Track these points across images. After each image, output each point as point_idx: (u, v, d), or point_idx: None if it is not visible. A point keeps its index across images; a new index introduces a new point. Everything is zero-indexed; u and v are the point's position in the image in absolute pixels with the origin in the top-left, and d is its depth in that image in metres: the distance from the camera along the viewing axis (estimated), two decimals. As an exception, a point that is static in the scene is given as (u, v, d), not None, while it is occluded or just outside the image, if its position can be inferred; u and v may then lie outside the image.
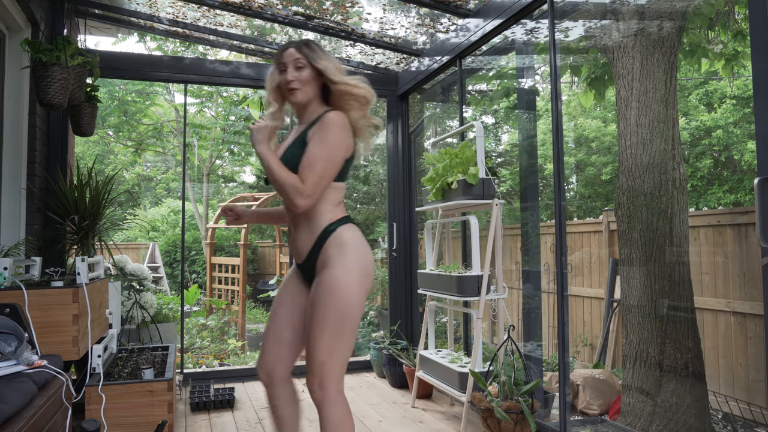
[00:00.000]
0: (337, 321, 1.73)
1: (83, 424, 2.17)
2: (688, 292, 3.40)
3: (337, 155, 1.78)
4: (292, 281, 1.99)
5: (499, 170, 7.58)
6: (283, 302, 1.97)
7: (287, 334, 1.93)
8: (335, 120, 1.78)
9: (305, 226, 1.85)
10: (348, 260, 1.77)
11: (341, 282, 1.74)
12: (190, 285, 8.18)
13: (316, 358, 1.75)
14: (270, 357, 1.93)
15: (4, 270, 2.28)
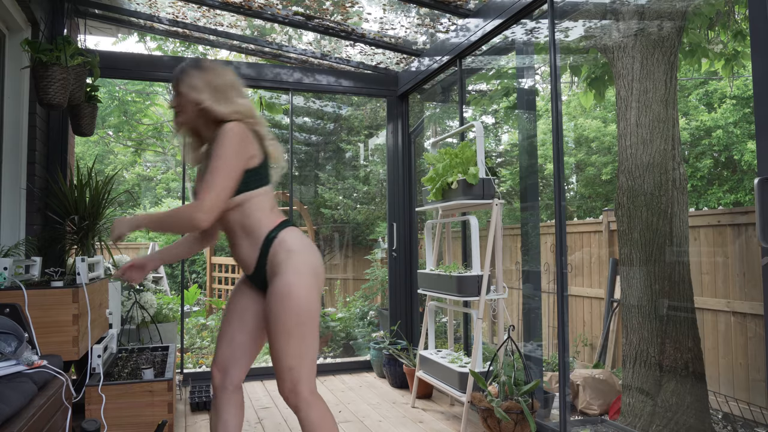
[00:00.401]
0: (297, 325, 1.74)
1: (83, 424, 2.17)
2: (688, 292, 3.40)
3: (231, 164, 1.74)
4: (241, 288, 2.01)
5: (499, 170, 7.58)
6: (234, 308, 1.99)
7: (240, 336, 1.96)
8: (226, 131, 1.75)
9: (245, 239, 1.85)
10: (296, 263, 1.77)
11: (294, 286, 1.74)
12: (190, 285, 8.18)
13: (284, 364, 1.76)
14: (223, 358, 1.96)
15: (4, 270, 2.28)
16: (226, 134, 1.74)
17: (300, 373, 1.77)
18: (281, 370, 1.77)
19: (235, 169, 1.75)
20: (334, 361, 4.75)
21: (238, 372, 1.97)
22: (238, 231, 1.86)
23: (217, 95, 1.84)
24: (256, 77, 4.35)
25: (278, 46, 4.43)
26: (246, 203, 1.82)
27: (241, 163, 1.76)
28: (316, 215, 7.90)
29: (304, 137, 8.49)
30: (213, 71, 1.87)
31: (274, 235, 1.82)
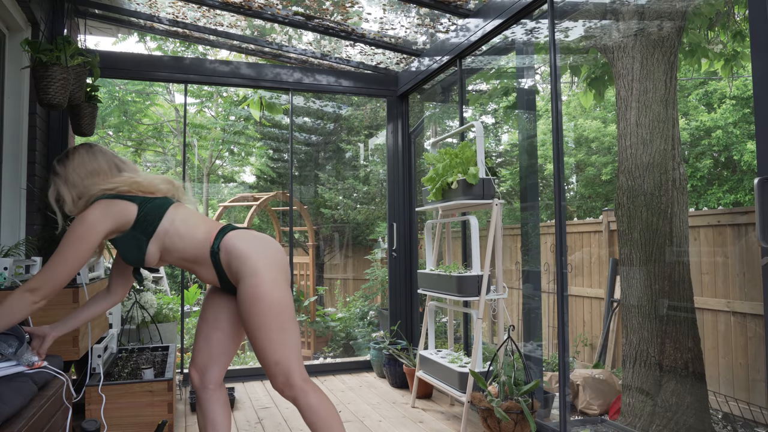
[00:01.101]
0: (272, 321, 1.77)
1: (83, 424, 2.17)
2: (688, 292, 3.40)
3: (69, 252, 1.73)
4: (213, 289, 2.04)
5: (499, 170, 7.58)
6: (208, 308, 2.03)
7: (216, 335, 1.98)
8: (75, 220, 1.78)
9: (196, 266, 1.88)
10: (251, 265, 1.78)
11: (257, 287, 1.76)
12: (190, 285, 8.18)
13: (270, 360, 1.78)
14: (201, 357, 1.99)
15: (4, 270, 2.28)
16: (74, 222, 1.76)
17: (288, 364, 1.79)
18: (269, 366, 1.80)
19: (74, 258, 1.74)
20: (334, 361, 4.75)
21: (217, 371, 1.99)
22: (187, 265, 1.89)
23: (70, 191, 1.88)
24: (256, 77, 4.35)
25: (278, 46, 4.43)
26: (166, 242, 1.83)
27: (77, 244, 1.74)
28: (316, 215, 7.91)
29: (304, 137, 8.49)
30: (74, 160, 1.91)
31: (216, 249, 1.83)
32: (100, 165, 1.91)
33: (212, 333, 1.99)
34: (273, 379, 1.81)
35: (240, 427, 3.16)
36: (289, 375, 1.80)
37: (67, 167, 1.89)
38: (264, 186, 9.29)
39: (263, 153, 9.99)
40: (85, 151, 1.93)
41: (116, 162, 1.95)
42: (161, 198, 1.89)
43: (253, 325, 1.77)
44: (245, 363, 5.42)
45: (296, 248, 7.56)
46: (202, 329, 2.01)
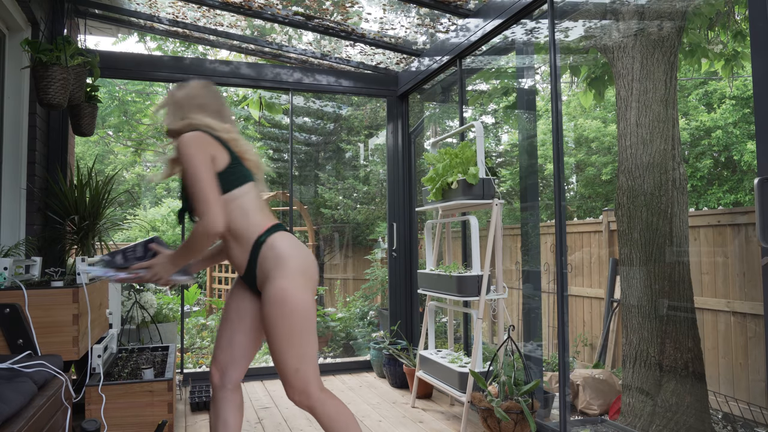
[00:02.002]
0: (295, 328, 1.76)
1: (83, 424, 2.17)
2: (688, 292, 3.40)
3: (199, 171, 1.76)
4: (238, 288, 2.03)
5: (499, 170, 7.58)
6: (232, 308, 2.01)
7: (238, 337, 1.98)
8: (179, 144, 1.81)
9: (234, 242, 1.88)
10: (286, 268, 1.79)
11: (286, 291, 1.76)
12: (190, 285, 8.17)
13: (289, 368, 1.78)
14: (223, 357, 1.98)
15: (4, 270, 2.28)
16: (179, 146, 1.80)
17: (307, 373, 1.79)
18: (288, 374, 1.79)
19: (206, 171, 1.77)
20: (334, 361, 4.75)
21: (237, 372, 1.98)
22: (226, 235, 1.88)
23: (175, 111, 1.97)
24: (256, 77, 4.35)
25: (278, 46, 4.43)
26: (227, 207, 1.83)
27: (202, 165, 1.77)
28: (316, 215, 7.90)
29: (304, 137, 8.49)
30: (189, 89, 2.01)
31: (263, 240, 1.83)
32: (208, 103, 1.98)
33: (235, 335, 1.98)
34: (289, 388, 1.80)
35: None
36: (308, 384, 1.80)
37: (182, 91, 2.00)
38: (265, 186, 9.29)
39: (263, 153, 9.98)
40: (202, 86, 2.02)
41: (222, 110, 2.02)
42: (248, 169, 1.94)
43: (275, 329, 1.76)
44: (245, 363, 5.41)
45: (296, 248, 7.54)
46: (226, 330, 1.99)
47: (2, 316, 2.13)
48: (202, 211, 1.73)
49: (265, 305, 1.78)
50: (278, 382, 4.22)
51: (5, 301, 2.16)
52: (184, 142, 1.79)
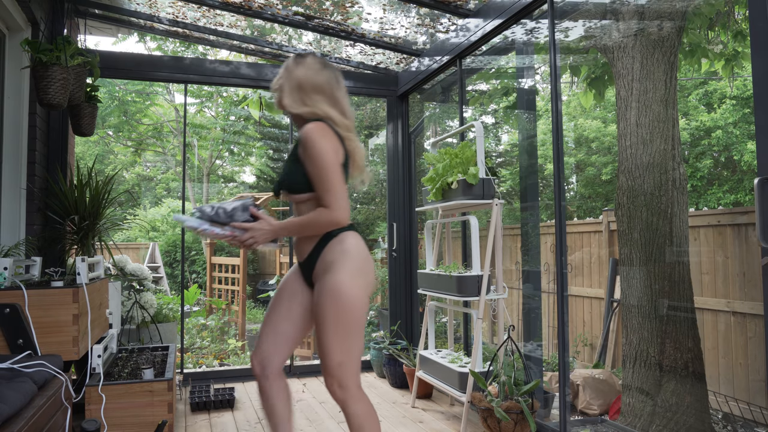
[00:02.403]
0: (346, 321, 1.80)
1: (83, 424, 2.17)
2: (688, 292, 3.40)
3: (330, 161, 1.81)
4: (292, 278, 2.03)
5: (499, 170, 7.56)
6: (282, 297, 2.02)
7: (284, 326, 1.98)
8: (310, 133, 1.83)
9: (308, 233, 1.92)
10: (350, 265, 1.83)
11: (345, 285, 1.79)
12: (190, 285, 8.18)
13: (333, 359, 1.81)
14: (266, 347, 1.97)
15: (4, 270, 2.28)
16: (310, 136, 1.82)
17: (349, 367, 1.82)
18: (330, 366, 1.81)
19: (336, 163, 1.83)
20: (334, 361, 4.75)
21: (278, 359, 1.99)
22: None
23: (294, 91, 1.95)
24: (256, 77, 4.35)
25: (278, 46, 4.43)
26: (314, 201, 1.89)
27: (334, 157, 1.83)
28: (316, 215, 7.89)
29: (304, 137, 8.48)
30: (308, 67, 1.97)
31: (335, 233, 1.88)
32: (325, 86, 1.98)
33: (282, 323, 1.99)
34: (329, 378, 1.83)
35: (240, 427, 3.16)
36: (348, 378, 1.83)
37: (301, 69, 1.97)
38: (264, 186, 9.29)
39: (263, 153, 9.99)
40: (320, 66, 2.00)
41: (338, 95, 2.03)
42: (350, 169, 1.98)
43: (326, 320, 1.79)
44: (245, 363, 5.42)
45: (296, 248, 7.55)
46: (272, 319, 2.00)
47: (2, 316, 2.13)
48: (329, 202, 1.80)
49: (321, 295, 1.81)
50: (278, 382, 4.22)
51: (5, 301, 2.16)
52: (314, 134, 1.82)
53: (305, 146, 1.83)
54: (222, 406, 3.54)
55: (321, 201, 1.83)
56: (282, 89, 1.97)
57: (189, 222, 1.86)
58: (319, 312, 1.81)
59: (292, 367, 4.40)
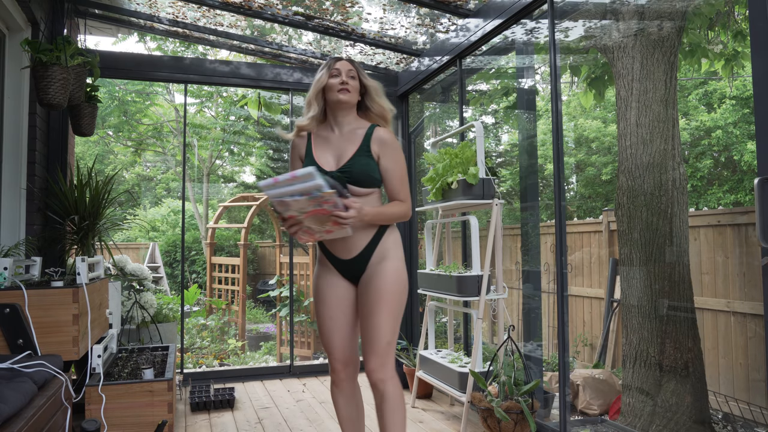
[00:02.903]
0: (398, 304, 1.99)
1: (83, 424, 2.17)
2: (688, 292, 3.40)
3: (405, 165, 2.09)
4: (334, 282, 2.09)
5: (499, 170, 7.56)
6: (335, 302, 2.08)
7: (349, 330, 2.09)
8: (390, 133, 2.07)
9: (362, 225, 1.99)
10: (400, 254, 2.05)
11: (400, 271, 2.00)
12: (190, 285, 8.18)
13: (383, 339, 1.95)
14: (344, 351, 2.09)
15: (4, 270, 2.28)
16: (392, 136, 2.07)
17: (392, 348, 1.98)
18: (380, 345, 1.94)
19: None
20: (334, 361, 4.75)
21: (356, 361, 2.13)
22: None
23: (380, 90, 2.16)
24: (256, 77, 4.35)
25: (278, 46, 4.43)
26: (375, 195, 2.06)
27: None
28: (316, 215, 7.89)
29: (304, 137, 8.47)
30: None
31: (388, 225, 2.06)
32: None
33: (346, 328, 2.08)
34: (376, 358, 1.94)
35: (240, 427, 3.16)
36: (391, 358, 1.98)
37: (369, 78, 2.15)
38: (264, 186, 9.28)
39: (263, 153, 9.99)
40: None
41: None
42: None
43: (386, 302, 1.94)
44: (245, 363, 5.42)
45: (296, 248, 7.56)
46: (335, 328, 2.07)
47: (2, 316, 2.13)
48: (406, 196, 2.05)
49: (380, 279, 1.96)
50: (278, 382, 4.22)
51: (5, 301, 2.16)
52: (393, 135, 2.08)
53: (390, 144, 2.02)
54: (222, 406, 3.54)
55: (397, 195, 2.04)
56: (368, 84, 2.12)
57: (317, 180, 1.71)
58: (377, 294, 1.95)
59: (292, 367, 4.40)
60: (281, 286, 6.54)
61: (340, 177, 1.98)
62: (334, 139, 2.07)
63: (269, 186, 1.75)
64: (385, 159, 2.02)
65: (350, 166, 1.99)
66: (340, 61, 2.09)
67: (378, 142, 2.02)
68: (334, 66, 2.07)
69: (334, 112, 2.08)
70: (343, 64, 2.08)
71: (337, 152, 2.04)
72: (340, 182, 1.95)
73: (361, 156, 2.00)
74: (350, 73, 2.06)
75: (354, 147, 2.03)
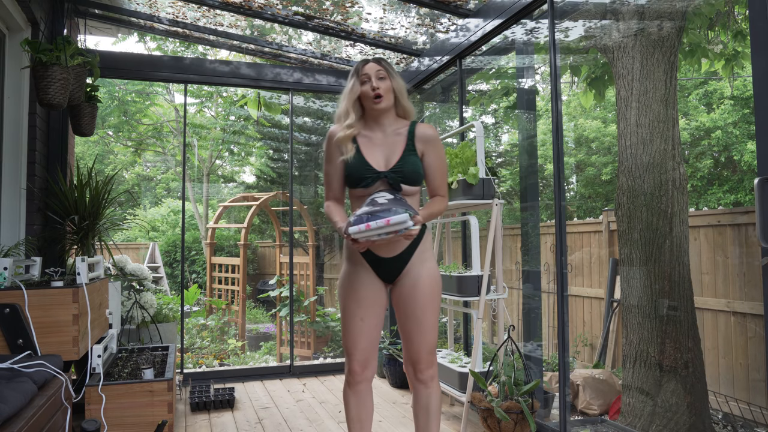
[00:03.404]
0: (439, 305, 2.07)
1: (83, 424, 2.17)
2: (688, 292, 3.40)
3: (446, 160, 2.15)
4: (369, 281, 2.08)
5: (499, 170, 7.56)
6: (366, 303, 2.07)
7: (376, 332, 2.11)
8: (434, 130, 2.09)
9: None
10: (434, 253, 2.11)
11: (437, 271, 2.06)
12: (190, 285, 8.18)
13: (432, 340, 2.04)
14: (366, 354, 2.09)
15: (4, 270, 2.28)
16: (435, 134, 2.09)
17: (435, 349, 2.08)
18: (430, 346, 2.04)
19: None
20: (334, 361, 4.75)
21: (375, 364, 2.14)
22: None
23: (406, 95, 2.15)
24: (256, 77, 4.35)
25: (278, 46, 4.43)
26: (418, 194, 2.10)
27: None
28: (316, 215, 7.91)
29: (304, 137, 8.49)
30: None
31: (425, 226, 2.10)
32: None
33: (373, 331, 2.09)
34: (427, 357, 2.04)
35: (240, 427, 3.16)
36: (435, 357, 2.08)
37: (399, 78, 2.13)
38: (264, 186, 9.29)
39: (263, 153, 9.98)
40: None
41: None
42: None
43: (432, 304, 2.02)
44: (245, 363, 5.42)
45: (296, 248, 7.56)
46: (364, 330, 2.07)
47: (2, 316, 2.13)
48: (445, 192, 2.12)
49: (424, 281, 2.01)
50: (278, 382, 4.22)
51: (5, 301, 2.16)
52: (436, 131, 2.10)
53: (433, 141, 2.06)
54: (222, 406, 3.54)
55: (438, 190, 2.09)
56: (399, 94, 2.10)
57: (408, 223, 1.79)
58: (423, 298, 2.01)
59: (292, 367, 4.40)
60: (281, 286, 6.54)
61: (393, 177, 2.00)
62: (379, 139, 2.08)
63: (360, 232, 1.82)
64: (429, 155, 2.07)
65: (401, 166, 2.02)
66: (367, 64, 2.07)
67: (422, 139, 2.06)
68: (362, 71, 2.06)
69: (374, 115, 2.09)
70: (371, 67, 2.06)
71: (385, 152, 2.07)
72: (394, 182, 2.00)
73: (409, 155, 2.04)
74: (379, 74, 2.04)
75: (401, 146, 2.06)
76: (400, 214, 1.79)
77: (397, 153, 2.05)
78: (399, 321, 2.10)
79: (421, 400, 2.10)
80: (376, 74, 2.04)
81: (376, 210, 1.84)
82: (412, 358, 2.07)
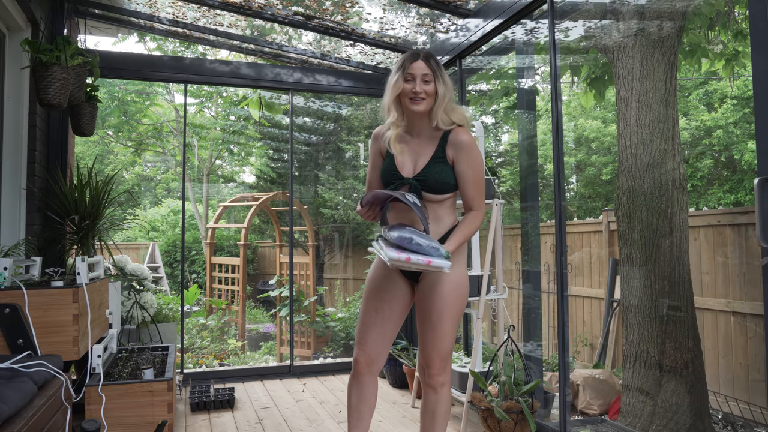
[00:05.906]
0: (461, 310, 2.00)
1: (83, 424, 2.17)
2: (688, 292, 3.40)
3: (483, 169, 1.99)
4: (392, 277, 2.05)
5: (499, 170, 7.57)
6: (385, 297, 2.05)
7: (390, 327, 2.06)
8: (470, 139, 1.96)
9: (436, 224, 2.01)
10: (464, 258, 2.02)
11: (464, 277, 1.99)
12: (190, 285, 8.18)
13: (449, 345, 1.98)
14: (375, 347, 2.06)
15: (4, 270, 2.28)
16: (473, 143, 1.96)
17: (451, 354, 2.03)
18: (446, 351, 1.98)
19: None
20: (334, 361, 4.75)
21: (383, 360, 2.10)
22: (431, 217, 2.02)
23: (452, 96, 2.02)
24: (256, 77, 4.35)
25: (278, 46, 4.43)
26: (450, 200, 2.03)
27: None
28: (316, 215, 7.91)
29: (304, 137, 8.49)
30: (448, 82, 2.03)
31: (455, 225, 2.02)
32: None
33: (387, 325, 2.05)
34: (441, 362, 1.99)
35: (240, 427, 3.16)
36: (449, 363, 2.03)
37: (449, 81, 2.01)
38: (264, 186, 9.29)
39: (263, 153, 9.98)
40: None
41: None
42: None
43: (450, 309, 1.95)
44: (245, 363, 5.42)
45: (296, 248, 7.56)
46: (377, 322, 2.05)
47: (2, 316, 2.13)
48: (480, 204, 1.99)
49: (444, 285, 1.95)
50: (278, 382, 4.22)
51: (5, 301, 2.16)
52: (472, 140, 1.97)
53: (466, 148, 1.93)
54: (222, 406, 3.54)
55: (471, 202, 1.97)
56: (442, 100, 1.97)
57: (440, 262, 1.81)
58: (442, 303, 1.94)
59: (292, 367, 4.40)
60: (281, 286, 6.54)
61: (415, 185, 1.96)
62: (413, 143, 2.03)
63: (399, 261, 1.82)
64: (459, 163, 1.95)
65: (425, 175, 1.95)
66: (416, 62, 1.95)
67: (454, 145, 1.94)
68: (408, 68, 1.95)
69: (409, 117, 2.01)
70: (419, 67, 1.94)
71: (414, 157, 2.00)
72: (416, 190, 1.95)
73: (436, 163, 1.95)
74: (425, 77, 1.93)
75: (429, 152, 1.98)
76: (443, 259, 1.80)
77: (425, 159, 1.97)
78: (417, 322, 2.07)
79: (428, 404, 2.08)
80: (422, 77, 1.93)
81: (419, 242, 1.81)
82: (424, 362, 2.04)
